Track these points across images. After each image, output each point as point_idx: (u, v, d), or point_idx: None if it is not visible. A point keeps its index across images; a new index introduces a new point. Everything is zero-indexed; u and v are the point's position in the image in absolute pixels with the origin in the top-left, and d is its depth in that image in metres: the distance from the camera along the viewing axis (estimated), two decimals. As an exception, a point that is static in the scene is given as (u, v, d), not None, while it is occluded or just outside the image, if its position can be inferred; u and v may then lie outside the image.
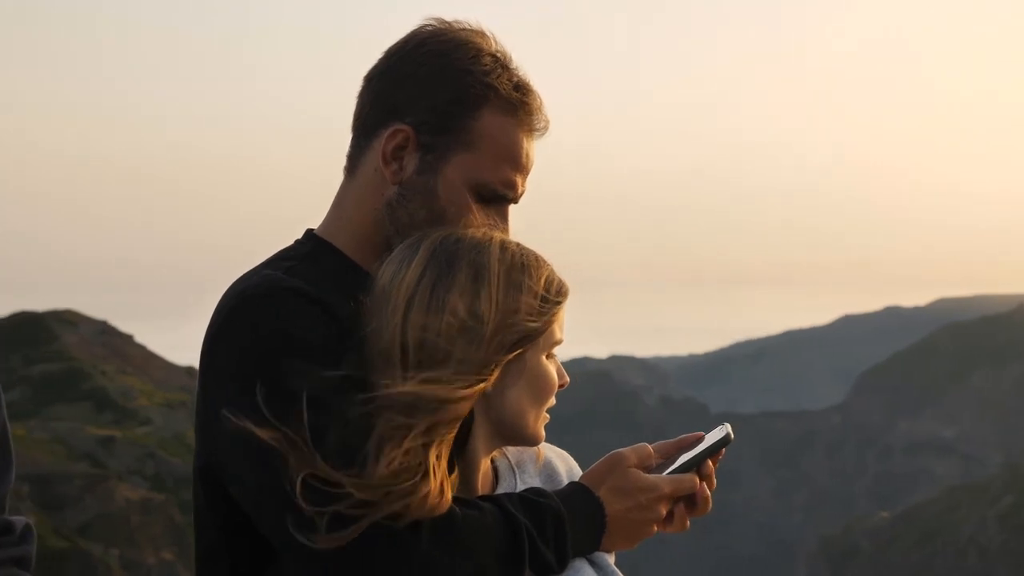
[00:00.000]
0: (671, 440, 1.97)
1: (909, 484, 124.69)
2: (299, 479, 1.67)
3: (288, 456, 1.68)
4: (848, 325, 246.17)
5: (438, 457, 1.73)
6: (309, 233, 2.01)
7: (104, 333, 53.90)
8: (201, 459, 1.86)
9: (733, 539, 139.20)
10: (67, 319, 53.95)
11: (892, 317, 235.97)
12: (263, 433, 1.70)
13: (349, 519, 1.65)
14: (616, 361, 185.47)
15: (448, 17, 1.99)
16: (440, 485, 1.71)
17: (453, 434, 1.76)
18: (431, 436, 1.72)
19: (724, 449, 1.94)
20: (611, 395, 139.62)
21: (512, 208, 2.00)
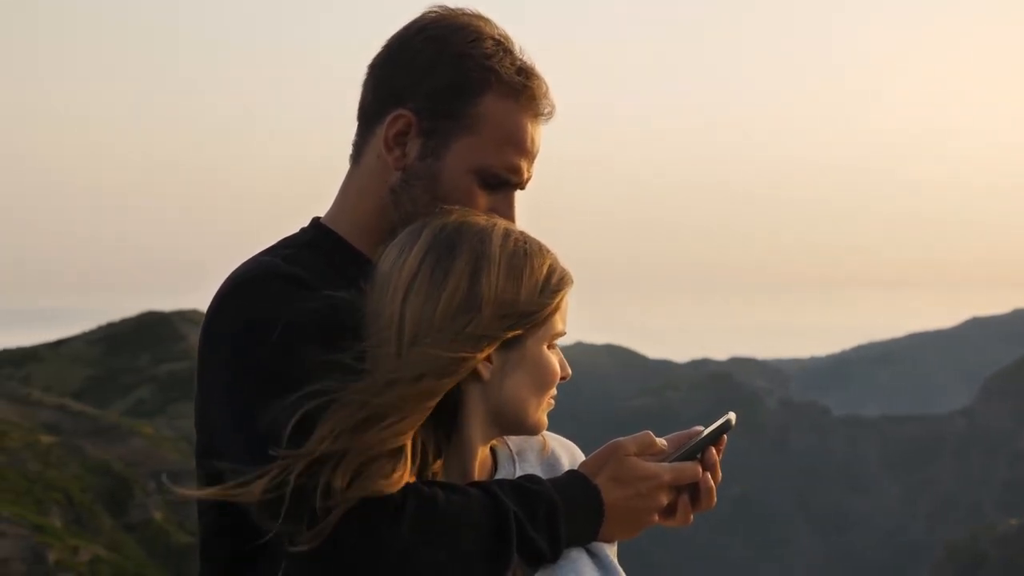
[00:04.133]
0: (682, 432, 1.92)
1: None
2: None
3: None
4: (975, 327, 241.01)
5: (406, 433, 1.71)
6: (314, 221, 2.01)
7: (229, 333, 54.72)
8: (200, 446, 1.86)
9: (857, 545, 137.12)
10: (193, 319, 54.96)
11: (1021, 319, 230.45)
12: (254, 420, 1.70)
13: (326, 509, 1.63)
14: (736, 363, 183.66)
15: (452, 3, 1.97)
16: (402, 466, 1.69)
17: (426, 413, 1.73)
18: (403, 403, 1.70)
19: (726, 436, 1.89)
20: (731, 398, 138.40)
21: (519, 194, 1.98)
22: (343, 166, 2.03)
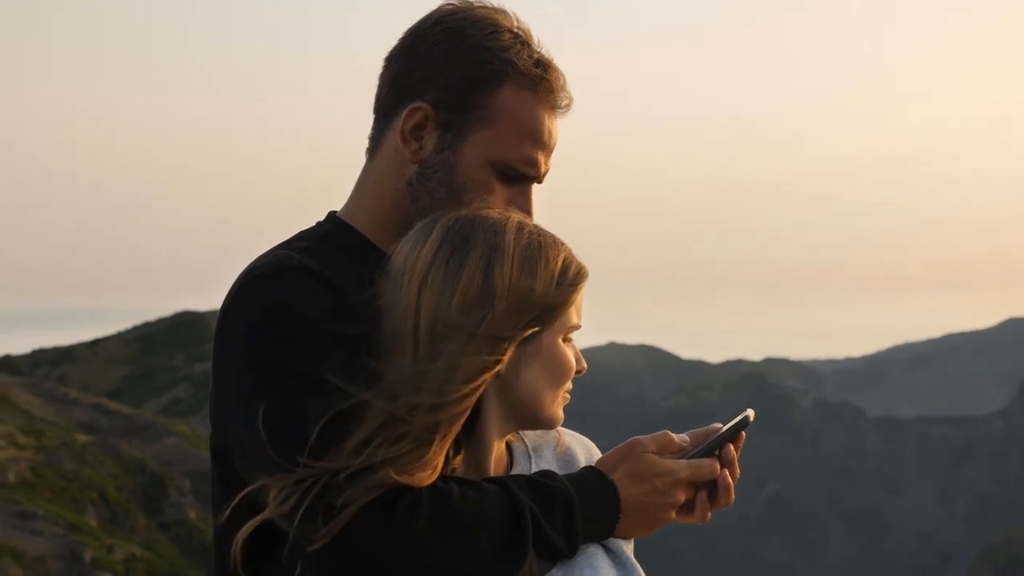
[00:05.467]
0: (700, 428, 1.90)
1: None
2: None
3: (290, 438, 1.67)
4: (1013, 328, 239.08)
5: (442, 438, 1.71)
6: (330, 215, 2.00)
7: (263, 332, 54.89)
8: (215, 439, 1.86)
9: (893, 547, 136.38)
10: (227, 319, 55.18)
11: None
12: (268, 417, 1.69)
13: (341, 505, 1.62)
14: (771, 363, 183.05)
15: None
16: (434, 467, 1.69)
17: (462, 418, 1.74)
18: (437, 417, 1.70)
19: (744, 433, 1.87)
20: (765, 398, 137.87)
21: (537, 187, 1.96)
22: (360, 161, 2.01)
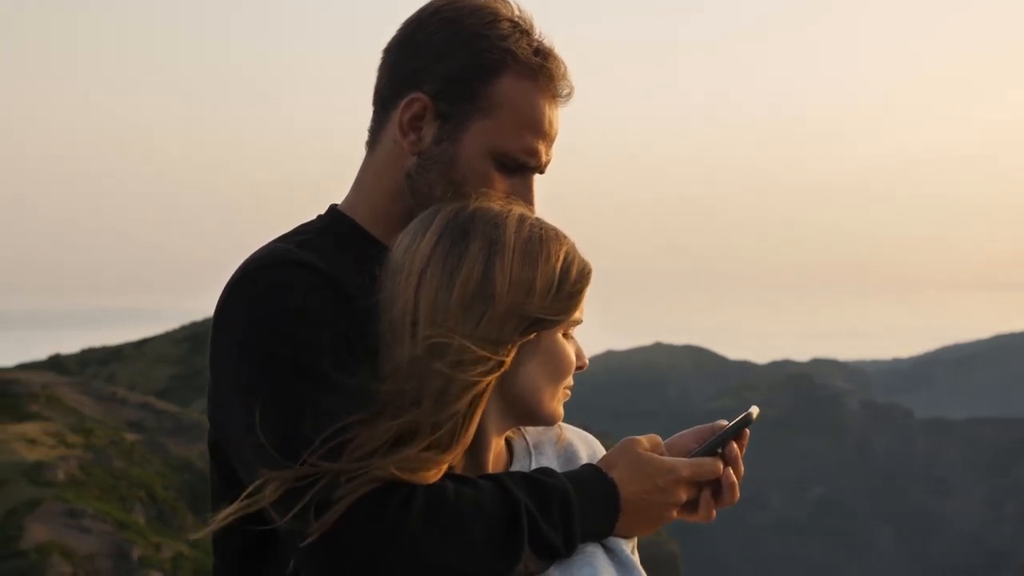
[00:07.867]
0: (704, 425, 1.88)
1: None
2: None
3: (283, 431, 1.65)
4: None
5: (457, 442, 1.69)
6: (331, 208, 1.98)
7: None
8: (212, 433, 1.84)
9: (941, 549, 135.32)
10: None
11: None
12: (265, 413, 1.66)
13: (333, 500, 1.60)
14: (818, 364, 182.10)
15: None
16: (442, 468, 1.67)
17: (474, 422, 1.71)
18: (444, 426, 1.67)
19: (748, 431, 1.84)
20: (812, 399, 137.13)
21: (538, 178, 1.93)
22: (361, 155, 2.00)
